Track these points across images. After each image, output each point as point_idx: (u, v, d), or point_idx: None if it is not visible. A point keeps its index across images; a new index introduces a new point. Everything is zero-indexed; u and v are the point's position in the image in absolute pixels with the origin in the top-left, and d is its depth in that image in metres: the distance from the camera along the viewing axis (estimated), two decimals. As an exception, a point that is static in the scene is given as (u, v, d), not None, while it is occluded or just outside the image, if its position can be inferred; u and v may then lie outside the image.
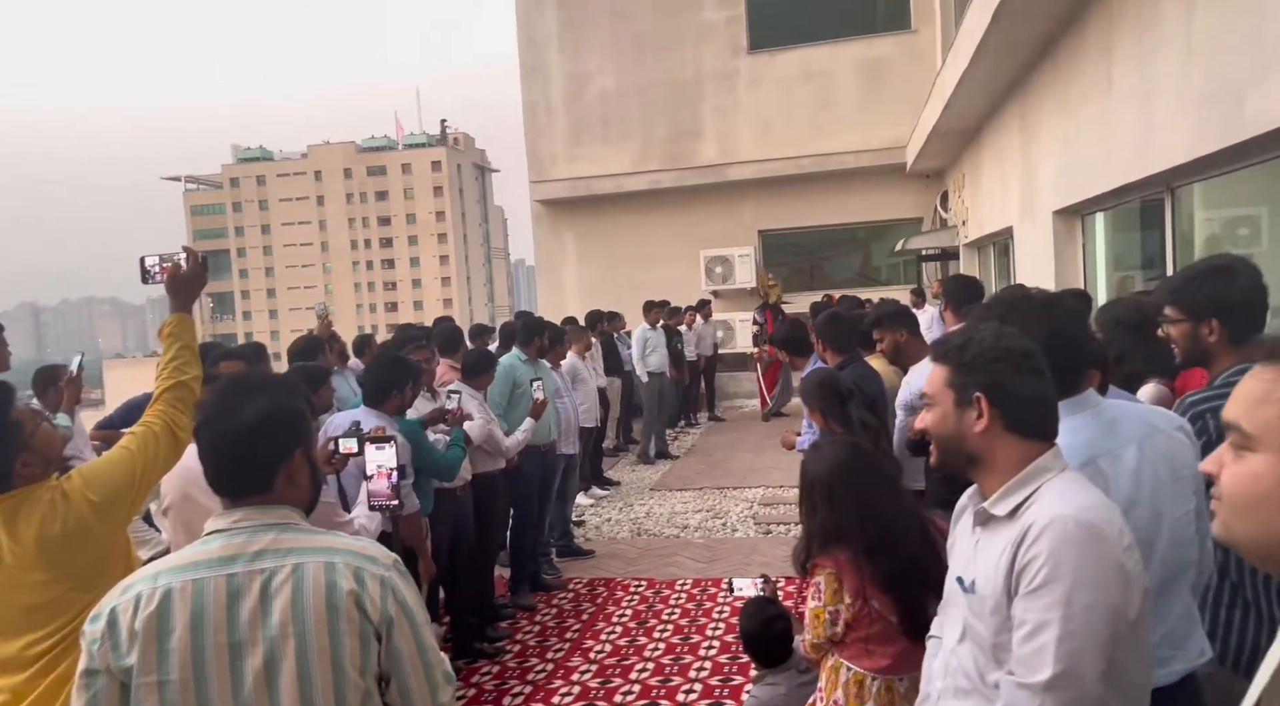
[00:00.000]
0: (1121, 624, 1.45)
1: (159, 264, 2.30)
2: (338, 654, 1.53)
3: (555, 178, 15.01)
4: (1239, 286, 2.14)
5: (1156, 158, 4.62)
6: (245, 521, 1.57)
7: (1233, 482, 0.94)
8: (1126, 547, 1.49)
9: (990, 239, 10.42)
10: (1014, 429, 1.59)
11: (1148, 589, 1.51)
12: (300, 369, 4.55)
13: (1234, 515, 0.94)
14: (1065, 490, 1.55)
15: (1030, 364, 1.60)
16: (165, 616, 1.48)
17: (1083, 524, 1.48)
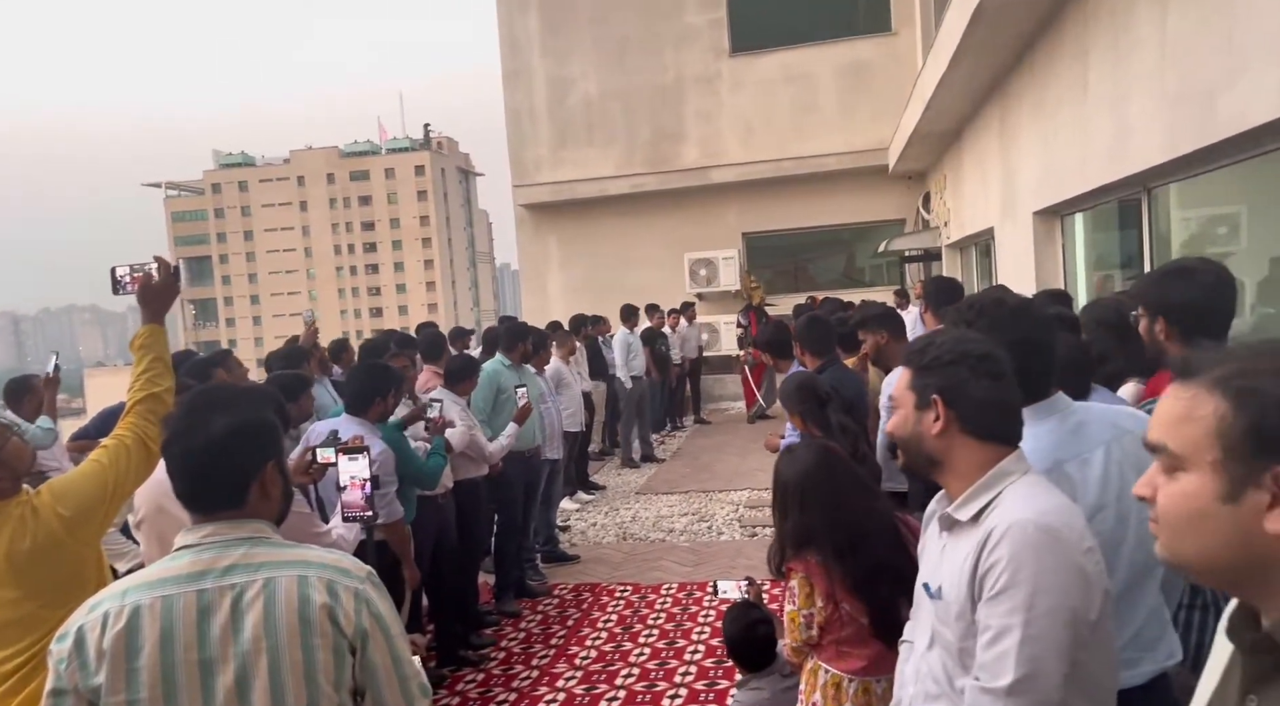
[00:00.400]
0: (1083, 626, 1.45)
1: (130, 274, 2.27)
2: (311, 668, 1.51)
3: (539, 182, 14.99)
4: (1185, 287, 2.14)
5: (1132, 159, 4.66)
6: (215, 536, 1.55)
7: (1168, 504, 0.94)
8: (1087, 550, 1.49)
9: (972, 240, 10.48)
10: (972, 431, 1.60)
11: (1108, 591, 1.52)
12: (279, 378, 4.52)
13: (1174, 536, 0.95)
14: (1027, 494, 1.55)
15: (988, 367, 1.60)
16: (134, 634, 1.46)
17: (1043, 528, 1.48)
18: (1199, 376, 0.93)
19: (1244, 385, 0.89)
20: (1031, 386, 1.85)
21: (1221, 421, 0.89)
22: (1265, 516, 0.87)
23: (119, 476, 2.11)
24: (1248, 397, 0.88)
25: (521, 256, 15.80)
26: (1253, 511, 0.87)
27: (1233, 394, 0.89)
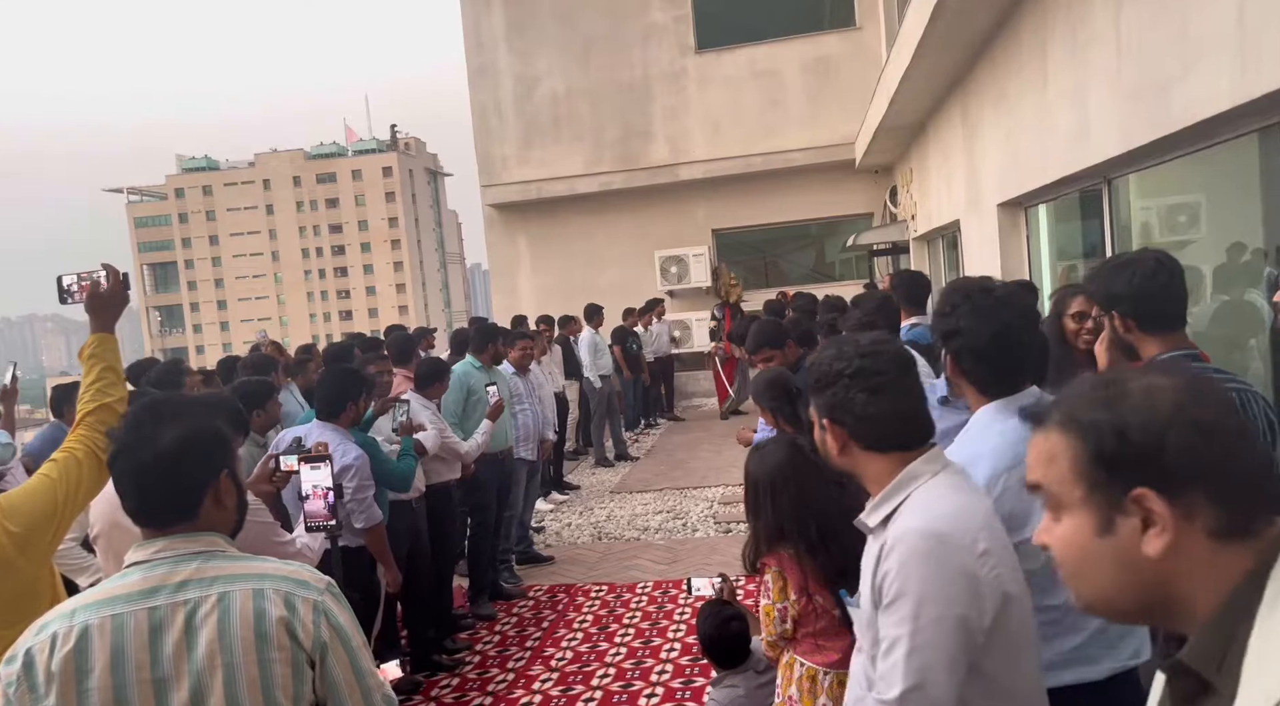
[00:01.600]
0: (975, 633, 1.44)
1: (77, 283, 2.21)
2: (268, 684, 1.48)
3: (507, 181, 14.92)
4: (1127, 278, 2.15)
5: (1092, 150, 4.71)
6: (166, 552, 1.51)
7: (1060, 550, 0.93)
8: (980, 554, 1.46)
9: (939, 232, 10.57)
10: (868, 446, 1.60)
11: (1012, 594, 1.48)
12: (244, 384, 4.46)
13: (1074, 581, 0.93)
14: (929, 497, 1.54)
15: (864, 382, 1.57)
16: (84, 654, 1.42)
17: (929, 535, 1.47)
18: (1048, 420, 0.94)
19: (1078, 418, 0.91)
20: (1006, 378, 1.85)
21: (1075, 457, 0.90)
22: (1140, 541, 0.86)
23: (69, 490, 2.06)
24: (1085, 429, 0.89)
25: (491, 256, 15.72)
26: (1129, 539, 0.86)
27: (1074, 429, 0.90)
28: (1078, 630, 1.81)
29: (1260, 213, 3.70)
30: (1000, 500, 1.76)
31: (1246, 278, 4.04)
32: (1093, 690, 1.79)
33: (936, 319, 1.94)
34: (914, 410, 1.61)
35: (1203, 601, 0.85)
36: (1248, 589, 0.82)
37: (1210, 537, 0.84)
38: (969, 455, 1.81)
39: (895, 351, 1.64)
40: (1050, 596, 1.79)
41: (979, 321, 1.81)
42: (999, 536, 1.52)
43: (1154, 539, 0.85)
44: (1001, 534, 1.55)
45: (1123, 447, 0.86)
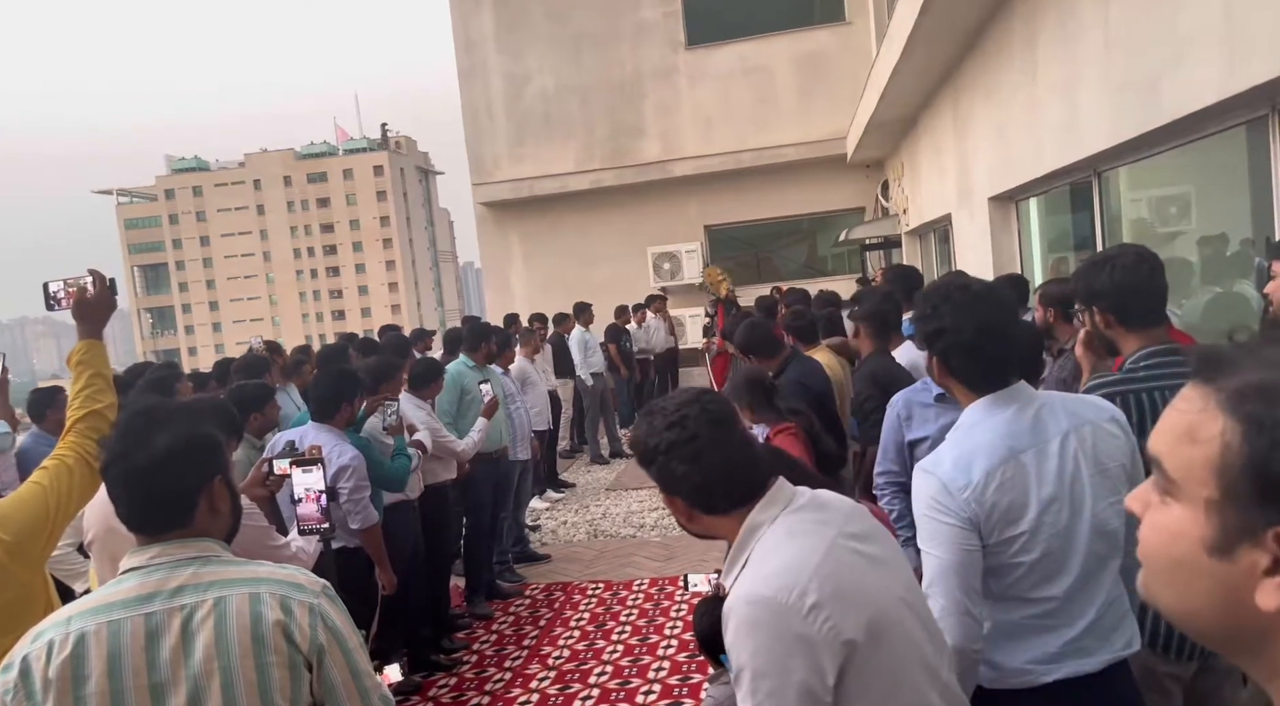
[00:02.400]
0: (819, 694, 1.38)
1: (64, 289, 2.20)
2: (265, 687, 1.49)
3: (498, 180, 14.89)
4: (1107, 274, 2.15)
5: (1082, 144, 4.73)
6: (161, 558, 1.52)
7: (1153, 537, 0.74)
8: (808, 610, 1.38)
9: (930, 226, 10.59)
10: (707, 510, 1.56)
11: (855, 641, 1.40)
12: (242, 388, 4.46)
13: (1152, 576, 0.75)
14: (762, 553, 1.48)
15: (677, 453, 1.52)
16: (80, 661, 1.43)
17: (753, 602, 1.41)
18: (1219, 381, 0.70)
19: (1256, 410, 0.67)
20: (994, 371, 1.85)
21: (1226, 451, 0.68)
22: (1258, 584, 0.66)
23: (61, 498, 2.05)
24: (1259, 427, 0.66)
25: (483, 255, 15.69)
26: (1245, 573, 0.67)
27: (1245, 419, 0.67)
28: (1073, 623, 1.81)
29: (1249, 205, 3.72)
30: (996, 494, 1.76)
31: (1237, 269, 4.07)
32: (1089, 682, 1.80)
33: (919, 323, 1.93)
34: (742, 461, 1.55)
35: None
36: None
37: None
38: (962, 453, 1.81)
39: (701, 410, 1.56)
40: (1047, 588, 1.80)
41: (962, 317, 1.81)
42: (840, 577, 1.43)
43: (1274, 592, 0.66)
44: (848, 569, 1.46)
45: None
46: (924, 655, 1.50)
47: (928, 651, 1.51)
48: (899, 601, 1.50)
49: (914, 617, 1.51)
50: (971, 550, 1.76)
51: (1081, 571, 1.81)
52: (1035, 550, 1.78)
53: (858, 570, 1.48)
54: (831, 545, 1.48)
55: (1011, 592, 1.81)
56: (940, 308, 1.86)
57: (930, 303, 1.90)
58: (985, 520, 1.76)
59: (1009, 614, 1.82)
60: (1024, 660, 1.81)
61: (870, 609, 1.44)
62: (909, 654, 1.47)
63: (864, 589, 1.46)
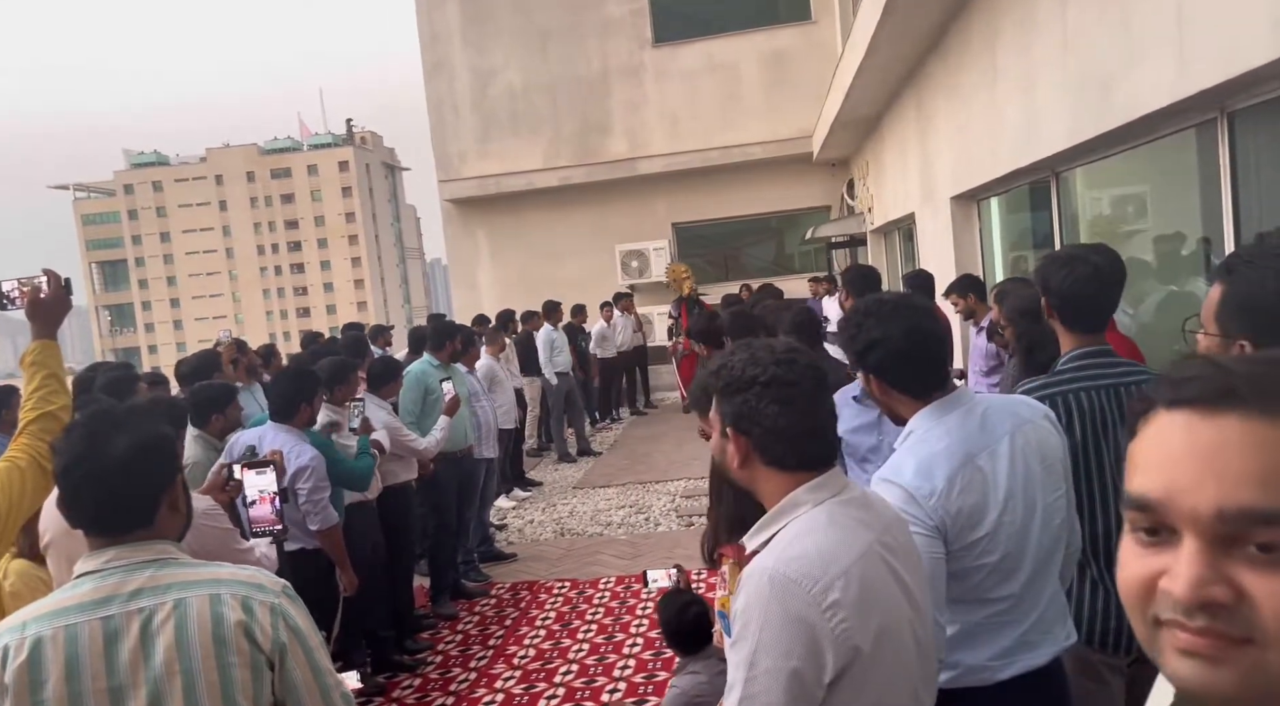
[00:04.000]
0: (811, 687, 1.37)
1: (17, 288, 2.17)
2: (228, 688, 1.50)
3: (464, 176, 14.80)
4: (1062, 275, 2.21)
5: (1040, 144, 4.81)
6: (117, 561, 1.51)
7: None
8: (828, 606, 1.36)
9: (894, 225, 10.70)
10: (769, 461, 1.50)
11: (862, 650, 1.38)
12: (206, 388, 4.39)
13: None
14: (798, 532, 1.45)
15: (775, 392, 1.47)
16: (37, 666, 1.42)
17: (777, 578, 1.38)
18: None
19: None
20: (931, 375, 1.87)
21: None
22: None
23: (13, 499, 2.02)
24: None
25: (450, 252, 15.59)
26: None
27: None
28: (1026, 618, 1.85)
29: (1199, 206, 3.80)
30: (960, 499, 1.77)
31: (1189, 268, 4.15)
32: (1037, 676, 1.84)
33: (848, 343, 1.90)
34: (823, 428, 1.51)
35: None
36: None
37: None
38: (921, 460, 1.81)
39: (810, 363, 1.53)
40: (1005, 587, 1.83)
41: (889, 326, 1.81)
42: (866, 583, 1.41)
43: None
44: (876, 577, 1.44)
45: None
46: (913, 685, 1.50)
47: (917, 680, 1.51)
48: (907, 624, 1.49)
49: (914, 645, 1.50)
50: (938, 558, 1.76)
51: (1033, 567, 1.84)
52: (996, 552, 1.80)
53: (882, 581, 1.46)
54: (868, 549, 1.45)
55: (973, 595, 1.83)
56: (864, 323, 1.85)
57: (854, 322, 1.88)
58: (951, 525, 1.77)
59: (971, 615, 1.84)
60: (984, 657, 1.83)
61: (881, 622, 1.43)
62: (900, 678, 1.47)
63: (882, 601, 1.44)
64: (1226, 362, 0.67)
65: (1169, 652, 0.64)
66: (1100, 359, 2.22)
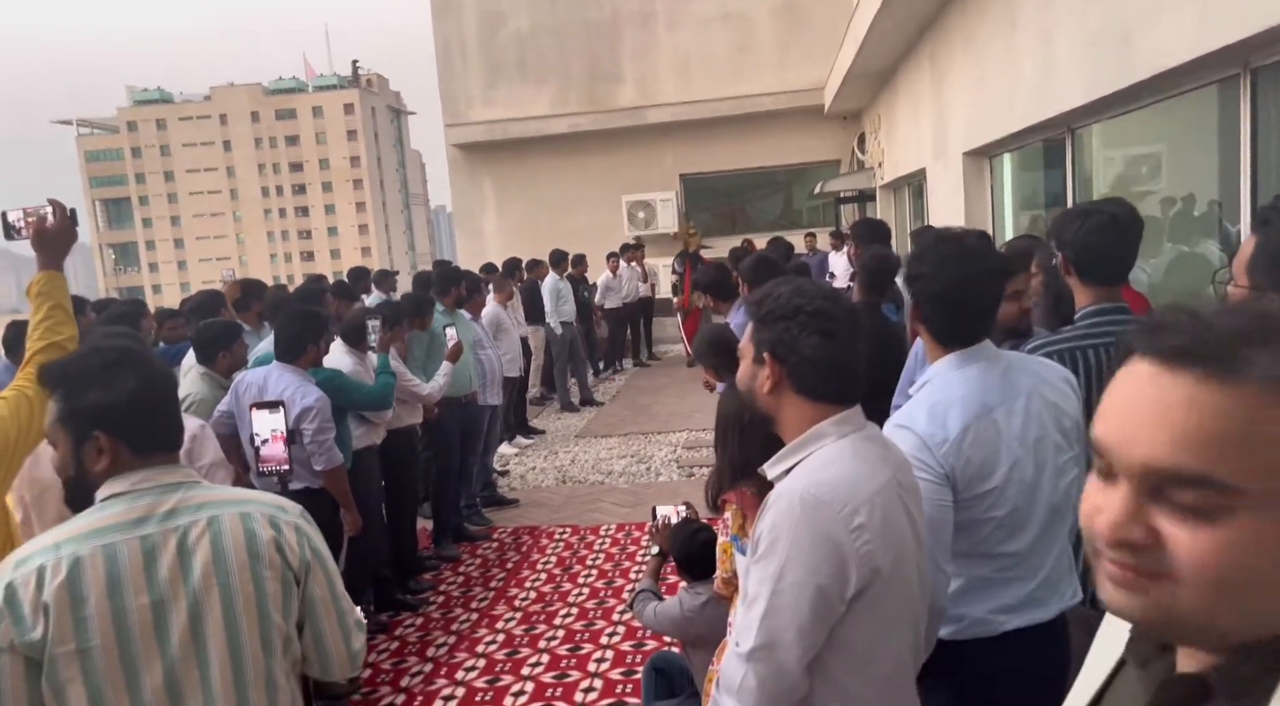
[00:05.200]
0: (834, 602, 1.44)
1: (23, 218, 2.15)
2: (262, 601, 1.56)
3: (472, 121, 14.63)
4: (1078, 227, 2.18)
5: (1057, 100, 4.73)
6: (146, 483, 1.55)
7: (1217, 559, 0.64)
8: (855, 528, 1.43)
9: (905, 180, 10.60)
10: (800, 389, 1.55)
11: (881, 570, 1.46)
12: (211, 326, 4.40)
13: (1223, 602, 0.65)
14: (825, 461, 1.52)
15: (820, 324, 1.53)
16: (77, 584, 1.44)
17: (807, 499, 1.45)
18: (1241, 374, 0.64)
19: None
20: (961, 328, 1.86)
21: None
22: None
23: (20, 429, 2.03)
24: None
25: (455, 198, 15.49)
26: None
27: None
28: (1034, 575, 1.87)
29: (1217, 165, 3.75)
30: (971, 449, 1.78)
31: (1202, 229, 4.12)
32: (1042, 630, 1.87)
33: (908, 263, 1.95)
34: (856, 366, 1.57)
35: None
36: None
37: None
38: (936, 407, 1.82)
39: (852, 307, 1.60)
40: (1012, 542, 1.84)
41: (941, 269, 1.82)
42: (886, 513, 1.48)
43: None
44: (893, 509, 1.50)
45: None
46: (915, 616, 1.58)
47: (919, 615, 1.59)
48: (913, 558, 1.55)
49: (918, 581, 1.57)
50: (945, 506, 1.78)
51: (1042, 526, 1.86)
52: (1004, 506, 1.82)
53: (898, 515, 1.52)
54: (889, 481, 1.52)
55: (980, 548, 1.85)
56: (926, 255, 1.87)
57: (920, 248, 1.91)
58: (960, 475, 1.78)
59: (977, 569, 1.86)
60: (986, 610, 1.86)
61: (896, 551, 1.50)
62: (904, 609, 1.54)
63: (896, 533, 1.51)
64: (1211, 317, 0.68)
65: (1101, 578, 0.71)
66: (1114, 316, 2.19)
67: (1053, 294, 2.73)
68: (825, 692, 1.49)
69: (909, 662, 1.58)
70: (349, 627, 1.69)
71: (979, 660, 1.86)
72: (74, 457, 1.55)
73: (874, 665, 1.51)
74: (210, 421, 4.06)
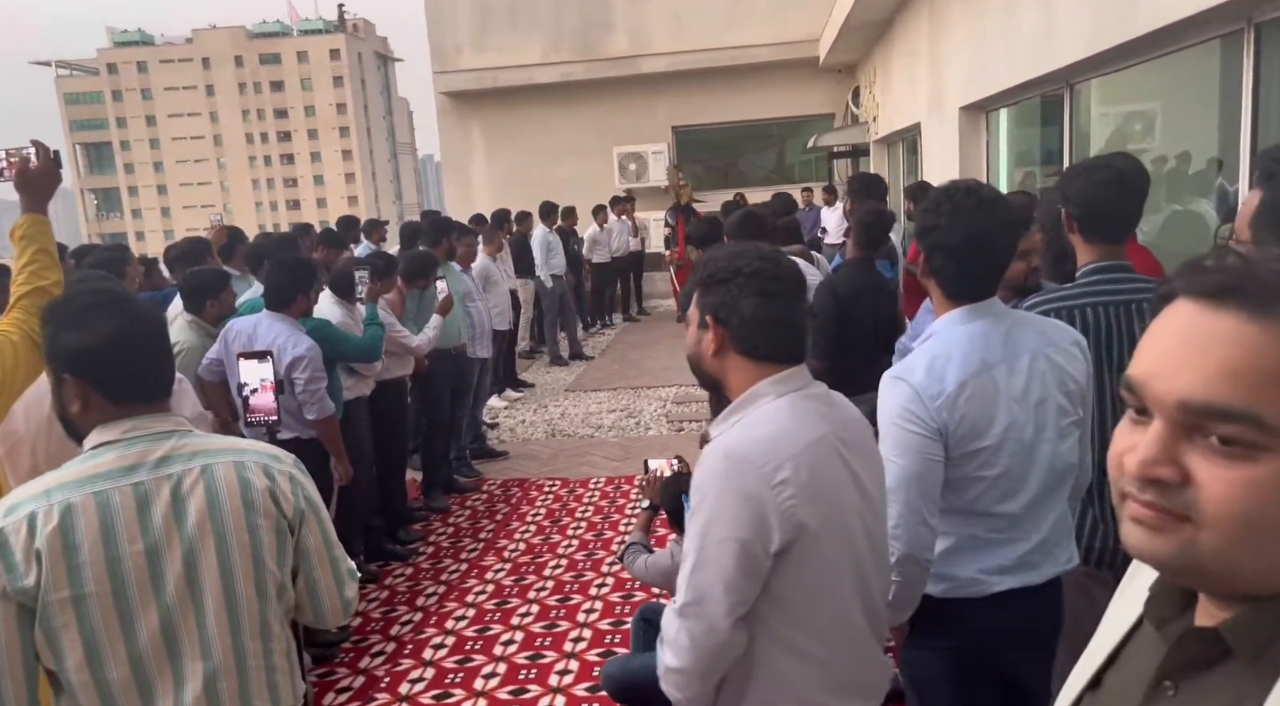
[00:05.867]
0: (759, 558, 1.46)
1: (5, 159, 2.10)
2: (258, 549, 1.57)
3: (461, 69, 14.35)
4: (1083, 182, 2.14)
5: (1057, 54, 4.67)
6: (138, 431, 1.53)
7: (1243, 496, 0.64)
8: (777, 483, 1.45)
9: (899, 135, 10.49)
10: (743, 351, 1.57)
11: (807, 526, 1.47)
12: (198, 274, 4.34)
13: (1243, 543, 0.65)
14: (757, 419, 1.54)
15: (758, 284, 1.54)
16: (69, 531, 1.43)
17: (731, 456, 1.48)
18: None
19: None
20: (971, 282, 1.83)
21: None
22: None
23: (5, 372, 2.00)
24: None
25: (444, 147, 15.27)
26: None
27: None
28: (1028, 538, 1.86)
29: (1216, 122, 3.72)
30: (966, 405, 1.77)
31: (1198, 187, 4.10)
32: (1032, 593, 1.87)
33: (919, 215, 1.90)
34: (797, 325, 1.59)
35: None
36: None
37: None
38: (937, 357, 1.80)
39: (792, 266, 1.61)
40: (1006, 504, 1.83)
41: (957, 220, 1.78)
42: (816, 469, 1.49)
43: None
44: (826, 466, 1.52)
45: None
46: (861, 574, 1.57)
47: (867, 568, 1.59)
48: (856, 514, 1.56)
49: (863, 535, 1.58)
50: (935, 460, 1.77)
51: (1039, 489, 1.84)
52: (998, 466, 1.80)
53: (833, 471, 1.54)
54: (823, 438, 1.54)
55: (972, 508, 1.84)
56: (942, 205, 1.82)
57: (935, 199, 1.86)
58: (953, 431, 1.77)
59: (968, 528, 1.85)
60: (977, 570, 1.85)
61: (828, 509, 1.51)
62: (844, 561, 1.54)
63: (830, 489, 1.52)
64: (1255, 259, 0.67)
65: (1125, 519, 0.71)
66: (1116, 274, 2.16)
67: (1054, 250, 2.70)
68: (766, 645, 1.52)
69: (858, 617, 1.58)
70: (342, 576, 1.70)
71: (969, 619, 1.87)
72: (57, 398, 1.55)
73: (814, 618, 1.53)
74: (200, 369, 4.04)
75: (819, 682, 1.54)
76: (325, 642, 4.00)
